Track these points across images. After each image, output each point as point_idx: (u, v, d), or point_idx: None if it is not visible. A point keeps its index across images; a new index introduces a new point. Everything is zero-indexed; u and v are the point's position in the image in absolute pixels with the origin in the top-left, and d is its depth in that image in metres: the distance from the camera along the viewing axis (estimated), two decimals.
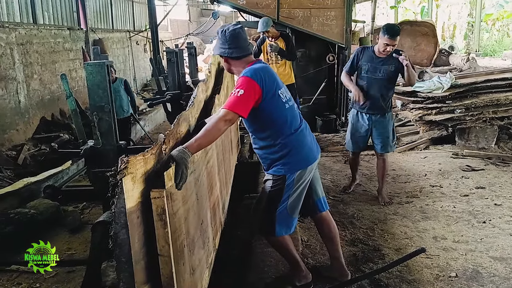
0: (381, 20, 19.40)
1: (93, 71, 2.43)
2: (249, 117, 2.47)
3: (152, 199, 1.67)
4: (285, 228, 2.74)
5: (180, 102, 4.87)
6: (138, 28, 13.92)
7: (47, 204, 4.22)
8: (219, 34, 2.63)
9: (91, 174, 2.68)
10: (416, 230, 3.78)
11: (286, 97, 2.65)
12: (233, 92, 2.38)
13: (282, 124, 2.58)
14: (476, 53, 16.63)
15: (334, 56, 6.86)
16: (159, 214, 1.69)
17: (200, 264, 2.31)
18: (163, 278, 1.76)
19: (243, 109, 2.35)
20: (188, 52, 5.89)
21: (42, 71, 7.52)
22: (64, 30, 8.58)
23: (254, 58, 2.68)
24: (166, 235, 1.71)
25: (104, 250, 1.74)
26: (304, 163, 2.65)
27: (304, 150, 2.65)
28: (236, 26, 2.63)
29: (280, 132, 2.58)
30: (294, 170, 2.62)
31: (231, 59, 2.62)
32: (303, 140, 2.67)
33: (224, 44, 2.59)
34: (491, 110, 5.99)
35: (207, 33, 16.10)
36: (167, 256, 1.74)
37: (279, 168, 2.63)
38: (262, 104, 2.48)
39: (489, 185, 4.73)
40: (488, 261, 3.24)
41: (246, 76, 2.44)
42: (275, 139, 2.59)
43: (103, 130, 2.53)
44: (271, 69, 2.69)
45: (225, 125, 2.29)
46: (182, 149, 1.98)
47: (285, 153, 2.59)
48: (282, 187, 2.64)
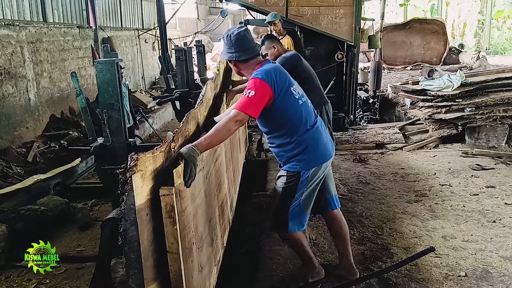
0: (391, 18, 19.27)
1: (103, 68, 2.45)
2: (264, 118, 2.52)
3: (161, 196, 1.68)
4: (298, 225, 2.75)
5: (188, 100, 4.88)
6: (147, 26, 13.96)
7: (57, 201, 4.26)
8: (225, 39, 2.65)
9: (101, 171, 2.69)
10: (425, 229, 3.75)
11: (299, 93, 2.66)
12: (244, 93, 2.41)
13: (297, 121, 2.59)
14: (486, 51, 16.43)
15: (343, 54, 6.83)
16: (168, 211, 1.69)
17: (208, 262, 2.32)
18: (172, 275, 1.76)
19: (254, 110, 2.38)
20: (197, 50, 5.91)
21: (52, 69, 7.57)
22: (74, 28, 8.63)
23: (262, 59, 2.69)
24: (175, 232, 1.72)
25: (114, 246, 1.75)
26: (319, 160, 2.66)
27: (320, 147, 2.66)
28: (241, 29, 2.64)
29: (295, 129, 2.59)
30: (310, 167, 2.63)
31: (240, 63, 2.64)
32: (319, 137, 2.68)
33: (231, 48, 2.62)
34: (501, 109, 5.93)
35: (215, 31, 16.08)
36: (176, 253, 1.74)
37: (294, 164, 2.64)
38: (275, 103, 2.50)
39: (499, 184, 4.68)
40: (498, 261, 3.21)
41: (257, 77, 2.46)
42: (291, 137, 2.59)
43: (113, 127, 2.55)
44: (282, 68, 2.69)
45: (235, 126, 2.32)
46: (191, 147, 2.00)
47: (301, 150, 2.60)
48: (296, 183, 2.65)
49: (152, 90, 12.76)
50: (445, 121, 6.19)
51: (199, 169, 2.12)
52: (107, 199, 4.29)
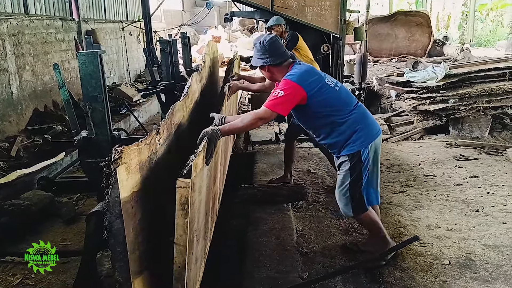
0: (376, 10, 19.34)
1: (85, 60, 2.41)
2: (306, 116, 2.73)
3: (177, 188, 1.66)
4: (374, 200, 2.96)
5: (174, 92, 4.84)
6: (131, 18, 13.78)
7: (41, 195, 4.21)
8: (257, 46, 2.79)
9: (85, 164, 2.66)
10: (410, 219, 3.80)
11: (333, 81, 2.85)
12: (274, 93, 2.59)
13: (340, 104, 2.76)
14: (470, 43, 16.64)
15: (328, 46, 6.82)
16: (182, 203, 1.68)
17: (201, 254, 2.33)
18: (175, 267, 1.76)
19: (282, 108, 2.57)
20: (182, 42, 5.85)
21: (35, 62, 7.44)
22: (56, 20, 8.47)
23: (292, 60, 2.83)
24: (185, 225, 1.71)
25: (99, 240, 1.74)
26: (373, 135, 2.82)
27: (369, 122, 2.83)
28: (271, 35, 2.84)
29: (341, 112, 2.75)
30: (367, 143, 2.78)
31: (273, 67, 2.78)
32: (365, 113, 2.85)
33: (265, 54, 2.76)
34: (484, 100, 6.02)
35: (201, 24, 15.96)
36: (183, 246, 1.74)
37: (351, 146, 2.76)
38: (311, 99, 2.67)
39: (482, 174, 4.76)
40: (481, 249, 3.27)
41: (289, 79, 2.63)
42: (340, 120, 2.75)
43: (97, 120, 2.51)
44: (313, 67, 2.91)
45: (260, 122, 2.56)
46: (215, 129, 2.19)
47: (354, 129, 2.76)
48: (359, 163, 2.79)
49: (137, 83, 12.63)
50: (430, 112, 6.26)
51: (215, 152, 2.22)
52: (93, 193, 4.25)
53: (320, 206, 4.08)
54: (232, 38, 18.74)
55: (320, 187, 4.55)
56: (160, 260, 2.03)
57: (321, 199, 4.24)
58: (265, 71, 2.86)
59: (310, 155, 5.43)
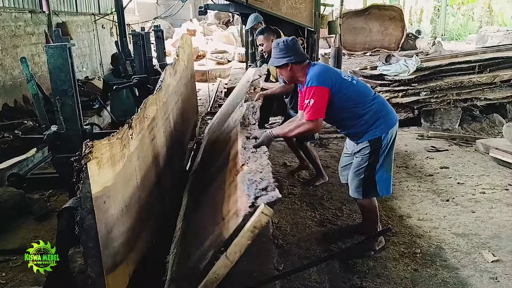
0: (350, 4, 19.48)
1: (54, 53, 2.35)
2: (330, 112, 2.83)
3: (261, 214, 1.63)
4: (386, 187, 3.07)
5: (147, 86, 4.77)
6: (104, 11, 13.50)
7: (12, 192, 4.11)
8: (280, 45, 2.93)
9: (55, 160, 2.60)
10: (383, 209, 3.87)
11: (350, 76, 3.00)
12: (306, 104, 2.79)
13: (360, 96, 2.92)
14: (442, 37, 16.98)
15: (303, 40, 6.85)
16: (256, 227, 1.66)
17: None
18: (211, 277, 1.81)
19: (320, 113, 2.79)
20: (155, 35, 5.77)
21: (3, 56, 7.23)
22: (25, 13, 8.24)
23: (308, 61, 2.99)
24: (246, 246, 1.71)
25: (71, 236, 1.72)
26: (392, 122, 2.98)
27: (388, 110, 2.99)
28: (289, 37, 3.01)
29: (363, 103, 2.90)
30: (388, 128, 2.93)
31: (294, 65, 2.92)
32: (384, 101, 3.02)
33: (288, 52, 2.90)
34: (455, 92, 6.17)
35: (175, 17, 15.75)
36: (231, 262, 1.75)
37: (373, 132, 2.91)
38: (334, 96, 2.83)
39: (453, 165, 4.89)
40: (451, 237, 3.37)
41: (312, 86, 2.79)
42: (362, 111, 2.90)
43: (67, 114, 2.46)
44: (328, 66, 3.09)
45: (308, 132, 2.98)
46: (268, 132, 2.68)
47: (377, 116, 2.91)
48: (379, 148, 2.93)
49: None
50: (402, 105, 6.36)
51: None
52: (64, 189, 4.17)
53: (296, 199, 4.12)
54: (207, 32, 18.57)
55: (296, 179, 4.59)
56: (135, 256, 2.02)
57: (297, 192, 4.27)
58: (286, 70, 2.97)
59: (286, 148, 5.45)
